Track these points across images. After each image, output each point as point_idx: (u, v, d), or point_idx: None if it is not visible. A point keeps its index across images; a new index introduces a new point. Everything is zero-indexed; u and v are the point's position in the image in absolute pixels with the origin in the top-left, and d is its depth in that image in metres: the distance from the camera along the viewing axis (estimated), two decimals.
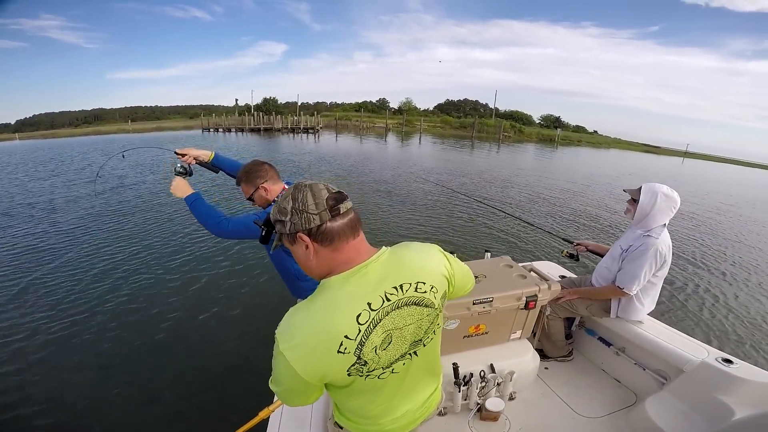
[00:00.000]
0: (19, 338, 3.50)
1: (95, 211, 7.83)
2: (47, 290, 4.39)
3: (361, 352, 0.77)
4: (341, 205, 0.78)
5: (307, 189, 0.78)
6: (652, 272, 1.93)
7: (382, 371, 0.84)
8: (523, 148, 30.53)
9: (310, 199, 0.76)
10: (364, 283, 0.79)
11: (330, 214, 0.77)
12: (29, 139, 34.01)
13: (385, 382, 0.88)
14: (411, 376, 0.94)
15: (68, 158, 16.62)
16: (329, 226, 0.77)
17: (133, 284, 4.56)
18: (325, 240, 0.77)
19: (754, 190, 19.45)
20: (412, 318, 0.84)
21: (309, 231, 0.77)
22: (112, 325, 3.72)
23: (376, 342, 0.78)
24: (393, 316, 0.80)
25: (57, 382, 2.99)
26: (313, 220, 0.76)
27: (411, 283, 0.83)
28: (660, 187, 1.91)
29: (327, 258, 0.79)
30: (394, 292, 0.80)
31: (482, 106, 63.57)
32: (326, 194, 0.78)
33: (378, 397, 0.91)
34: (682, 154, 46.33)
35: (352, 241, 0.80)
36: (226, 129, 36.03)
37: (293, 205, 0.77)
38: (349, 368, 0.77)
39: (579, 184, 13.47)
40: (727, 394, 1.62)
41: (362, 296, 0.78)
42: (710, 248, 7.17)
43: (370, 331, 0.77)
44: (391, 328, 0.80)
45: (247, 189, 1.69)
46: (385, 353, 0.81)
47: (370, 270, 0.80)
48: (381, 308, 0.78)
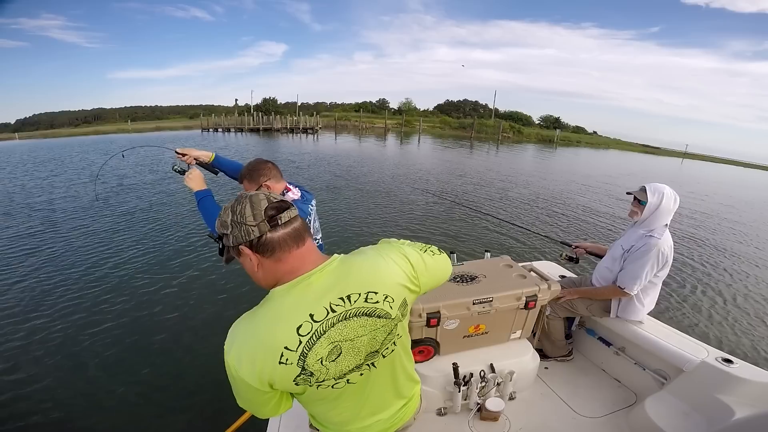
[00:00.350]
0: (17, 338, 3.50)
1: (94, 211, 7.82)
2: (45, 289, 4.39)
3: (304, 363, 0.75)
4: (282, 214, 0.77)
5: (246, 200, 0.77)
6: (654, 272, 1.92)
7: (334, 381, 0.82)
8: (522, 149, 30.55)
9: (248, 211, 0.75)
10: (307, 294, 0.77)
11: (269, 224, 0.75)
12: (29, 138, 34.00)
13: (342, 392, 0.85)
14: (375, 386, 0.91)
15: (67, 158, 16.63)
16: (269, 237, 0.76)
17: (131, 283, 4.57)
18: (266, 251, 0.76)
19: (753, 190, 19.46)
20: (364, 329, 0.81)
21: (250, 243, 0.76)
22: (111, 325, 3.72)
23: (321, 353, 0.76)
24: (340, 327, 0.78)
25: (55, 380, 2.99)
26: (253, 232, 0.75)
27: (360, 293, 0.80)
28: (664, 187, 1.90)
29: (271, 269, 0.78)
30: (340, 302, 0.78)
31: (482, 107, 63.59)
32: (266, 204, 0.76)
33: (338, 406, 0.89)
34: (681, 154, 46.35)
35: (295, 251, 0.78)
36: (225, 129, 36.03)
37: (232, 218, 0.76)
38: (296, 378, 0.76)
39: (577, 185, 13.51)
40: (727, 393, 1.62)
41: (305, 307, 0.76)
42: (709, 248, 7.18)
43: (312, 343, 0.75)
44: (338, 339, 0.78)
45: (250, 187, 1.68)
46: (334, 365, 0.79)
47: (313, 280, 0.79)
48: (325, 319, 0.76)
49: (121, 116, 61.16)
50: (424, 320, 1.71)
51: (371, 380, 0.89)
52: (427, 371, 1.84)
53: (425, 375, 1.83)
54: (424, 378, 1.82)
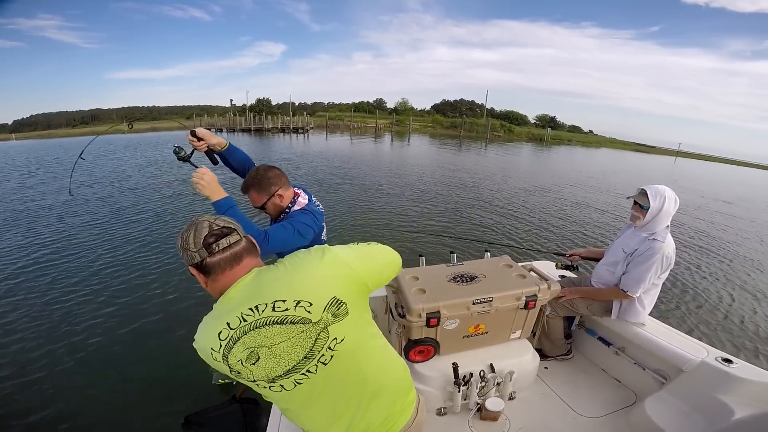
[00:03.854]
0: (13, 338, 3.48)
1: (91, 208, 7.79)
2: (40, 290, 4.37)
3: (228, 362, 0.84)
4: (220, 241, 0.88)
5: (192, 228, 0.89)
6: (657, 276, 1.92)
7: (266, 384, 0.88)
8: (511, 148, 30.61)
9: (191, 239, 0.87)
10: (226, 306, 0.88)
11: (207, 251, 0.86)
12: (26, 139, 33.83)
13: (283, 397, 0.90)
14: (324, 396, 0.91)
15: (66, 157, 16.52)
16: (208, 262, 0.87)
17: (125, 279, 4.55)
18: (208, 273, 0.88)
19: (748, 188, 19.58)
20: (280, 337, 0.85)
21: (195, 265, 0.88)
22: (106, 322, 3.70)
23: (240, 356, 0.84)
24: (253, 335, 0.84)
25: (54, 380, 2.97)
26: (195, 257, 0.87)
27: (267, 303, 0.85)
28: (665, 189, 1.88)
29: (214, 285, 0.90)
30: (250, 313, 0.85)
31: (478, 107, 63.78)
32: (206, 232, 0.87)
33: (295, 410, 0.95)
34: (674, 153, 46.60)
35: (228, 272, 0.89)
36: (218, 129, 36.07)
37: (180, 243, 0.89)
38: (230, 372, 0.86)
39: (561, 186, 13.28)
40: (726, 393, 1.62)
41: (223, 316, 0.86)
42: (708, 247, 7.20)
43: (230, 347, 0.84)
44: (254, 345, 0.84)
45: (260, 198, 1.53)
46: (255, 368, 0.85)
47: (230, 294, 0.88)
48: (238, 327, 0.84)
49: (119, 117, 61.03)
50: (424, 320, 1.71)
51: (315, 389, 0.90)
52: (427, 371, 1.83)
53: (425, 375, 1.82)
54: (424, 378, 1.82)
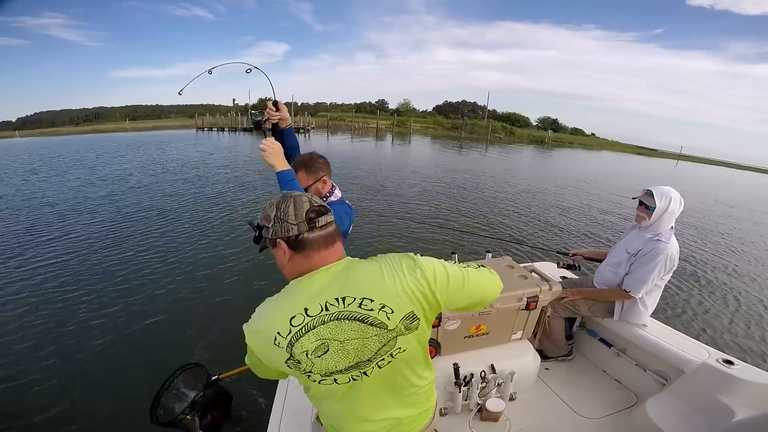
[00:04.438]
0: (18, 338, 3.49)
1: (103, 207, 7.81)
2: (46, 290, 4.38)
3: (291, 351, 0.80)
4: (320, 218, 0.85)
5: (291, 200, 0.85)
6: (660, 276, 1.92)
7: (320, 377, 0.84)
8: (512, 150, 30.54)
9: (291, 210, 0.84)
10: (307, 289, 0.84)
11: (307, 225, 0.83)
12: (30, 136, 33.90)
13: (331, 391, 0.88)
14: (366, 394, 0.90)
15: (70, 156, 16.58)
16: (305, 237, 0.84)
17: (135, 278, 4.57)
18: (299, 248, 0.84)
19: (755, 192, 19.52)
20: (355, 333, 0.82)
21: (287, 239, 0.84)
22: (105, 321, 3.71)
23: (308, 346, 0.80)
24: (330, 326, 0.81)
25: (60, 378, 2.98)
26: (292, 230, 0.83)
27: (356, 298, 0.82)
28: (671, 190, 1.88)
29: (299, 264, 0.86)
30: (335, 303, 0.81)
31: (480, 108, 63.74)
32: (308, 207, 0.85)
33: (333, 405, 0.93)
34: (676, 156, 46.44)
35: (323, 252, 0.86)
36: (219, 128, 36.11)
37: (276, 214, 0.84)
38: (286, 361, 0.82)
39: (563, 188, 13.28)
40: (727, 395, 1.62)
41: (302, 301, 0.82)
42: (710, 249, 7.19)
43: (300, 335, 0.80)
44: (327, 337, 0.81)
45: (307, 179, 1.65)
46: (319, 360, 0.82)
47: (315, 278, 0.84)
48: (318, 315, 0.80)
49: (122, 115, 61.16)
50: None
51: (363, 388, 0.89)
52: None
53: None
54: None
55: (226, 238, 6.19)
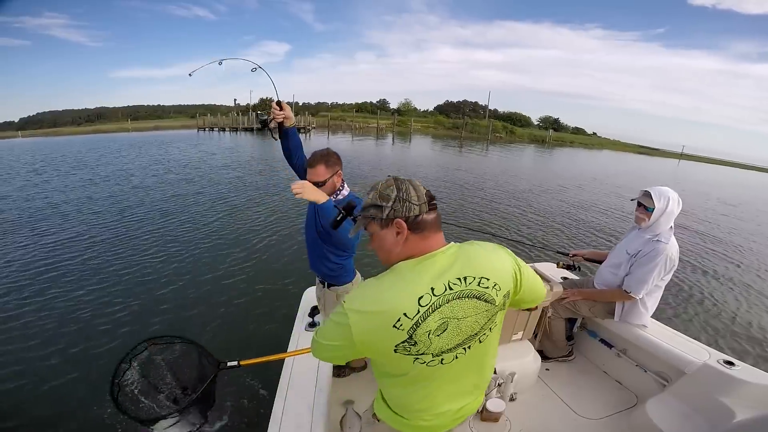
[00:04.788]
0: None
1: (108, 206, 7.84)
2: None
3: (414, 333, 0.81)
4: (435, 201, 0.89)
5: (408, 182, 0.88)
6: (660, 277, 1.92)
7: (431, 358, 0.86)
8: (513, 150, 30.46)
9: (413, 191, 0.86)
10: (430, 270, 0.85)
11: (428, 206, 0.87)
12: (32, 137, 33.98)
13: (432, 372, 0.89)
14: (460, 371, 0.94)
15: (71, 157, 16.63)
16: (425, 218, 0.86)
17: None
18: (417, 229, 0.86)
19: (751, 191, 19.44)
20: (472, 311, 0.86)
21: (407, 219, 0.85)
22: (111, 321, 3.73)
23: (431, 326, 0.82)
24: (453, 305, 0.84)
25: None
26: (413, 210, 0.85)
27: (475, 277, 0.86)
28: (668, 191, 1.89)
29: (412, 245, 0.87)
30: (457, 282, 0.84)
31: (481, 108, 63.70)
32: (424, 190, 0.89)
33: (424, 388, 0.94)
34: (678, 156, 46.29)
35: (436, 234, 0.89)
36: (221, 129, 36.17)
37: (397, 194, 0.86)
38: (398, 345, 0.82)
39: (563, 187, 13.22)
40: (728, 396, 1.62)
41: (427, 281, 0.83)
42: (711, 249, 7.16)
43: (427, 315, 0.81)
44: (449, 316, 0.83)
45: (326, 172, 1.68)
46: (438, 339, 0.84)
47: (437, 259, 0.86)
48: (443, 295, 0.83)
49: (124, 115, 61.32)
50: None
51: (461, 365, 0.92)
52: None
53: None
54: None
55: (230, 239, 6.20)
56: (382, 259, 0.93)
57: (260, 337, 3.57)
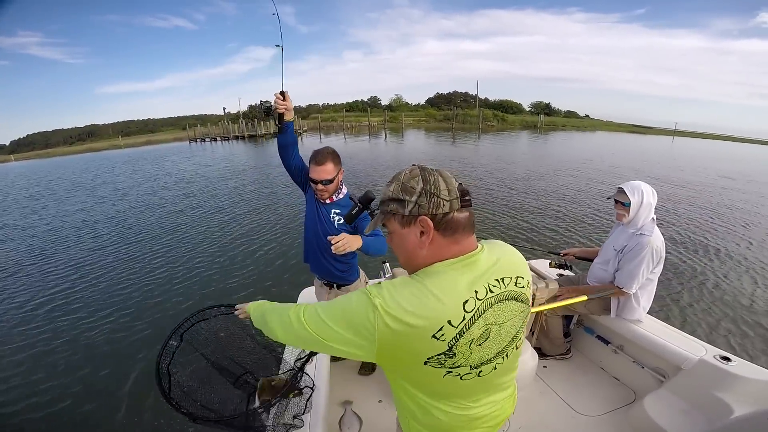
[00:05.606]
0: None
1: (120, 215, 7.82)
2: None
3: (456, 343, 0.70)
4: (468, 197, 0.75)
5: (437, 173, 0.75)
6: (650, 270, 1.92)
7: (468, 371, 0.75)
8: (505, 137, 30.33)
9: (443, 184, 0.73)
10: (472, 272, 0.73)
11: (460, 203, 0.73)
12: (25, 159, 33.93)
13: (465, 386, 0.78)
14: (494, 383, 0.83)
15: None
16: (456, 217, 0.73)
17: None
18: (448, 229, 0.73)
19: (742, 164, 19.35)
20: (511, 314, 0.78)
21: (434, 216, 0.72)
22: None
23: (475, 335, 0.72)
24: (495, 309, 0.74)
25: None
26: (443, 206, 0.72)
27: (511, 277, 0.78)
28: (639, 183, 1.92)
29: (441, 247, 0.74)
30: (496, 284, 0.75)
31: (472, 98, 63.55)
32: (455, 183, 0.75)
33: (453, 402, 0.81)
34: (671, 133, 46.28)
35: (468, 238, 0.76)
36: (212, 138, 36.26)
37: (423, 187, 0.72)
38: (431, 357, 0.71)
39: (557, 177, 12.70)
40: (725, 391, 1.61)
41: (470, 284, 0.72)
42: (705, 243, 6.92)
43: (473, 322, 0.71)
44: (491, 322, 0.74)
45: (334, 170, 1.73)
46: (479, 350, 0.74)
47: (477, 259, 0.75)
48: (486, 298, 0.73)
49: (115, 131, 61.20)
50: None
51: (498, 374, 0.82)
52: None
53: None
54: None
55: (231, 254, 6.16)
56: (402, 262, 0.81)
57: None
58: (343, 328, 0.72)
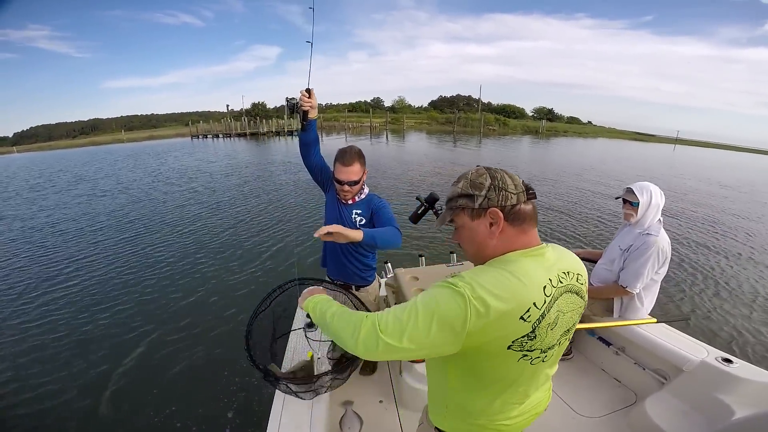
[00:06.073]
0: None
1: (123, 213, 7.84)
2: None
3: (539, 324, 0.75)
4: (533, 190, 0.83)
5: (502, 171, 0.83)
6: (655, 270, 1.93)
7: (539, 354, 0.81)
8: (506, 142, 30.35)
9: (508, 180, 0.81)
10: (543, 262, 0.80)
11: (526, 196, 0.81)
12: (28, 151, 33.96)
13: (524, 371, 0.83)
14: (543, 372, 0.89)
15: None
16: (523, 208, 0.80)
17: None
18: (516, 220, 0.80)
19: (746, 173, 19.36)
20: (572, 305, 0.83)
21: (503, 208, 0.79)
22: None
23: (551, 318, 0.78)
24: (564, 298, 0.80)
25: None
26: (511, 199, 0.79)
27: (574, 273, 0.84)
28: (648, 184, 1.93)
29: (510, 237, 0.81)
30: (564, 276, 0.81)
31: (475, 101, 63.71)
32: (520, 179, 0.83)
33: (507, 390, 0.87)
34: (673, 141, 46.33)
35: (533, 229, 0.83)
36: (214, 135, 36.43)
37: (492, 182, 0.81)
38: (516, 339, 0.75)
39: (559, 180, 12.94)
40: (726, 393, 1.61)
41: (545, 272, 0.78)
42: (708, 245, 6.99)
43: (551, 306, 0.77)
44: (561, 309, 0.80)
45: (360, 170, 1.73)
46: (551, 333, 0.79)
47: (545, 252, 0.82)
48: (558, 287, 0.79)
49: (118, 125, 61.33)
50: None
51: (551, 360, 0.88)
52: None
53: (425, 375, 1.82)
54: (424, 378, 1.81)
55: (239, 251, 6.15)
56: (471, 254, 0.87)
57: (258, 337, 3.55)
58: (433, 329, 0.73)
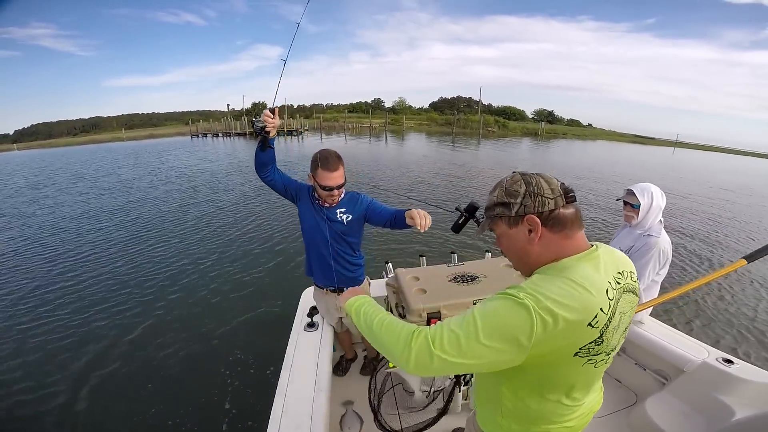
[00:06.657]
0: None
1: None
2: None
3: (606, 329, 0.73)
4: (573, 193, 0.79)
5: (537, 176, 0.80)
6: (656, 271, 1.92)
7: (603, 357, 0.78)
8: (505, 144, 30.26)
9: (545, 184, 0.78)
10: (599, 265, 0.76)
11: (565, 200, 0.77)
12: (28, 149, 33.92)
13: (586, 374, 0.80)
14: (600, 372, 0.86)
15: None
16: (562, 213, 0.77)
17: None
18: (556, 225, 0.77)
19: (746, 178, 19.39)
20: (630, 305, 0.80)
21: (540, 214, 0.77)
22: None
23: (616, 322, 0.75)
24: (623, 299, 0.77)
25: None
26: (548, 204, 0.76)
27: (626, 272, 0.81)
28: (650, 185, 1.91)
29: (552, 244, 0.78)
30: (620, 277, 0.78)
31: (475, 103, 63.76)
32: (557, 183, 0.79)
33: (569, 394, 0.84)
34: (672, 144, 46.37)
35: (579, 233, 0.79)
36: (214, 134, 36.48)
37: (527, 189, 0.78)
38: (583, 347, 0.73)
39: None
40: (727, 394, 1.61)
41: (604, 275, 0.75)
42: (708, 245, 7.07)
43: (615, 309, 0.74)
44: (622, 311, 0.76)
45: (344, 171, 1.73)
46: (615, 336, 0.76)
47: (599, 254, 0.78)
48: (618, 288, 0.76)
49: (118, 124, 61.31)
50: (425, 320, 1.69)
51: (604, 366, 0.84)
52: None
53: None
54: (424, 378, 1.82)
55: (229, 243, 6.20)
56: (514, 263, 0.85)
57: (259, 337, 3.56)
58: (495, 343, 0.70)
